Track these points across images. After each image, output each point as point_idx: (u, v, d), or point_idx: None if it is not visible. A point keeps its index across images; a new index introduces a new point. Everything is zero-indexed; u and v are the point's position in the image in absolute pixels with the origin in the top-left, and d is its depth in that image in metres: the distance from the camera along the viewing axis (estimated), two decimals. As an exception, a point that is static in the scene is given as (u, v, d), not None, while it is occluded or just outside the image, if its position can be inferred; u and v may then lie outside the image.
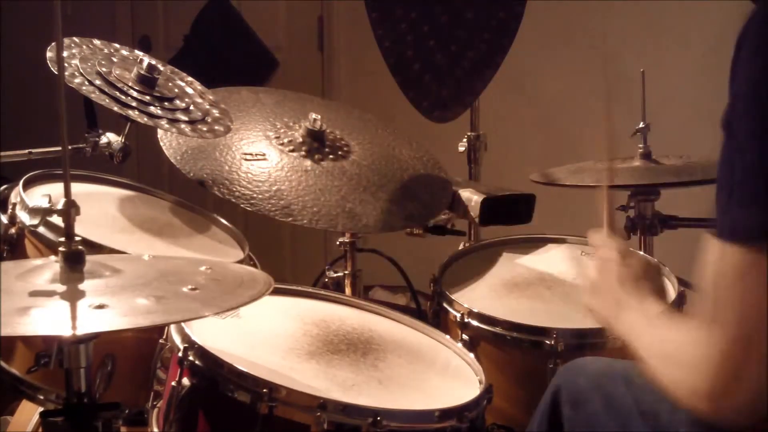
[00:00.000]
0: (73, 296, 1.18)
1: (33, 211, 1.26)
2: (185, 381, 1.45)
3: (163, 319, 1.16)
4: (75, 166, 1.64)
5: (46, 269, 1.25)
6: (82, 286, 1.21)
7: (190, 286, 1.24)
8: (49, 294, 1.18)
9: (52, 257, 1.28)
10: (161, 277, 1.31)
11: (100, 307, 1.15)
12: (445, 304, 1.89)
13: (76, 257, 1.22)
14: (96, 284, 1.22)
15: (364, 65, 3.55)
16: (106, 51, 1.92)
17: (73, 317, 1.13)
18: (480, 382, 1.58)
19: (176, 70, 2.03)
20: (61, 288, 1.20)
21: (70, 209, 1.21)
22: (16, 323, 1.09)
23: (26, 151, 1.90)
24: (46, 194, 1.28)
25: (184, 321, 1.44)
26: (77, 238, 1.23)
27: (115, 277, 1.26)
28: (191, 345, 1.46)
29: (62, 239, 1.23)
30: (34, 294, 1.18)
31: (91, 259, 1.26)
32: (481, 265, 2.04)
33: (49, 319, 1.13)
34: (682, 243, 1.95)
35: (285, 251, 3.94)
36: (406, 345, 1.68)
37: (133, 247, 1.72)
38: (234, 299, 1.24)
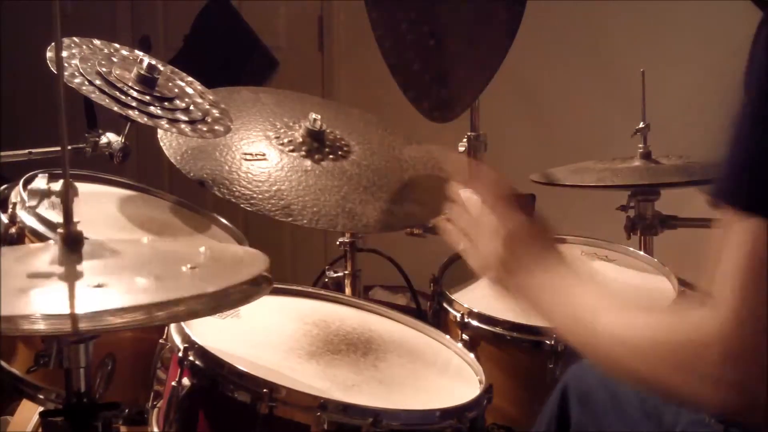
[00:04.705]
0: (72, 276, 1.17)
1: (32, 193, 1.25)
2: (185, 381, 1.45)
3: (164, 296, 1.15)
4: (75, 166, 1.65)
5: (45, 252, 1.25)
6: (80, 267, 1.20)
7: (189, 265, 1.24)
8: (48, 275, 1.18)
9: (51, 241, 1.27)
10: (160, 257, 1.31)
11: (100, 286, 1.14)
12: (445, 304, 1.89)
13: (74, 239, 1.22)
14: (95, 265, 1.21)
15: (364, 65, 3.55)
16: (106, 51, 1.92)
17: (72, 296, 1.12)
18: (480, 382, 1.58)
19: (176, 70, 2.03)
20: (59, 269, 1.20)
21: (69, 190, 1.20)
22: (15, 303, 1.08)
23: (26, 151, 1.90)
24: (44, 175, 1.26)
25: (185, 297, 1.43)
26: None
27: (114, 257, 1.25)
28: (191, 345, 1.46)
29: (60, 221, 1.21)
30: (33, 275, 1.17)
31: (89, 242, 1.25)
32: (481, 265, 2.04)
33: (48, 299, 1.12)
34: (682, 243, 1.95)
35: (285, 251, 3.94)
36: (406, 345, 1.68)
37: (133, 247, 1.72)
38: (234, 277, 1.24)
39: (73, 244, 1.21)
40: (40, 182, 1.27)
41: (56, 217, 1.62)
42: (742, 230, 0.97)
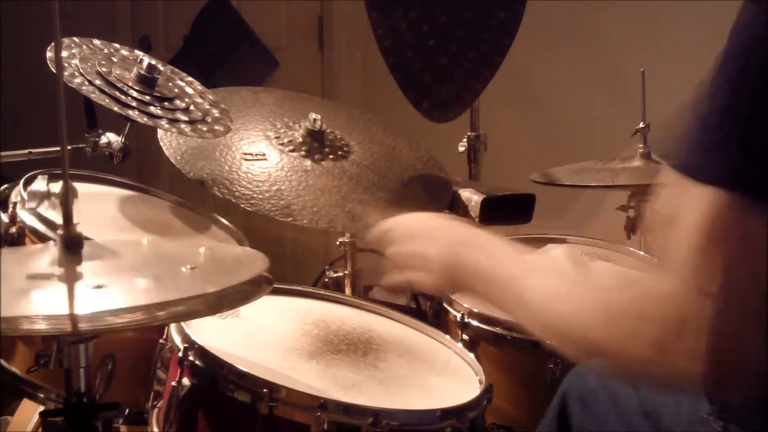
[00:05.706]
0: (71, 278, 1.17)
1: (31, 194, 1.25)
2: (185, 381, 1.45)
3: (163, 297, 1.15)
4: (75, 166, 1.65)
5: (45, 253, 1.25)
6: (80, 268, 1.19)
7: (188, 266, 1.24)
8: (48, 276, 1.18)
9: (51, 242, 1.27)
10: (160, 258, 1.31)
11: (99, 287, 1.14)
12: (445, 304, 1.89)
13: (74, 241, 1.21)
14: (94, 266, 1.21)
15: (364, 65, 3.56)
16: (106, 51, 1.92)
17: (72, 297, 1.12)
18: (480, 382, 1.58)
19: (176, 70, 2.03)
20: (59, 270, 1.20)
21: (68, 192, 1.20)
22: (15, 305, 1.08)
23: (26, 151, 1.90)
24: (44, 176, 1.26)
25: (184, 298, 1.43)
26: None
27: (113, 258, 1.25)
28: (191, 345, 1.46)
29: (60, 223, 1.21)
30: (33, 277, 1.17)
31: (89, 243, 1.25)
32: (481, 265, 2.04)
33: (48, 300, 1.12)
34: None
35: (285, 251, 3.94)
36: (406, 345, 1.68)
37: (133, 247, 1.72)
38: (233, 277, 1.23)
39: (72, 245, 1.21)
40: (40, 184, 1.27)
41: (56, 217, 1.62)
42: (698, 200, 0.94)
